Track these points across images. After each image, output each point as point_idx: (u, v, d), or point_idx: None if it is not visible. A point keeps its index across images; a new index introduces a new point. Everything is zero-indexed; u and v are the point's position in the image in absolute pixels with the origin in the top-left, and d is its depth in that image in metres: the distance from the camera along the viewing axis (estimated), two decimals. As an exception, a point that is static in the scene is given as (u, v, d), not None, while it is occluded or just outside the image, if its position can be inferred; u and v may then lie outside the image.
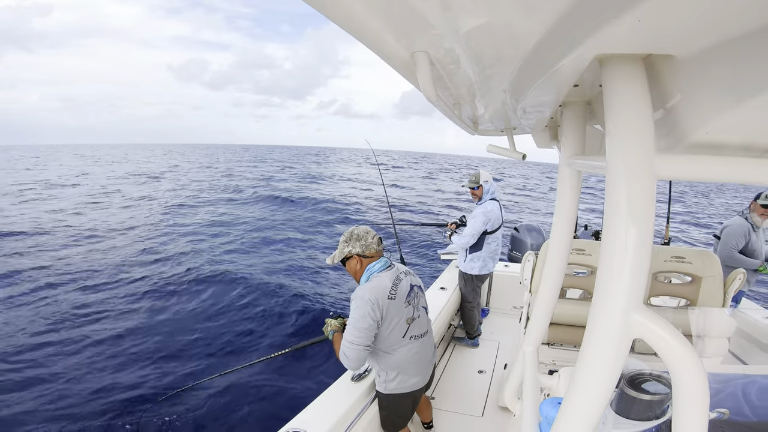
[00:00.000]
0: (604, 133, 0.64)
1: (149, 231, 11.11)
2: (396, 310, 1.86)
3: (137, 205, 15.44)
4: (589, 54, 0.56)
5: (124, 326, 5.40)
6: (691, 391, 0.57)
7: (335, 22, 0.53)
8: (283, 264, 8.28)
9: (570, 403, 0.72)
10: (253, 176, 29.18)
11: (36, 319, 5.64)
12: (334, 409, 1.95)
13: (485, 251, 3.56)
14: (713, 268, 2.24)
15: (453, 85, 0.97)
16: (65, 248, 9.22)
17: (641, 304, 0.61)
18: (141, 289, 6.71)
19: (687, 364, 0.56)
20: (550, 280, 1.35)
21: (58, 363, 4.60)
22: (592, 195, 21.85)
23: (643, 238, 0.59)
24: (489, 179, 3.57)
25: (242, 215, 13.68)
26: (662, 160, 0.58)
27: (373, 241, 1.95)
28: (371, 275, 1.91)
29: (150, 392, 3.95)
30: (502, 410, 2.72)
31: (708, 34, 0.44)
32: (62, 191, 19.51)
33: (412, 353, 1.96)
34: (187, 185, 22.90)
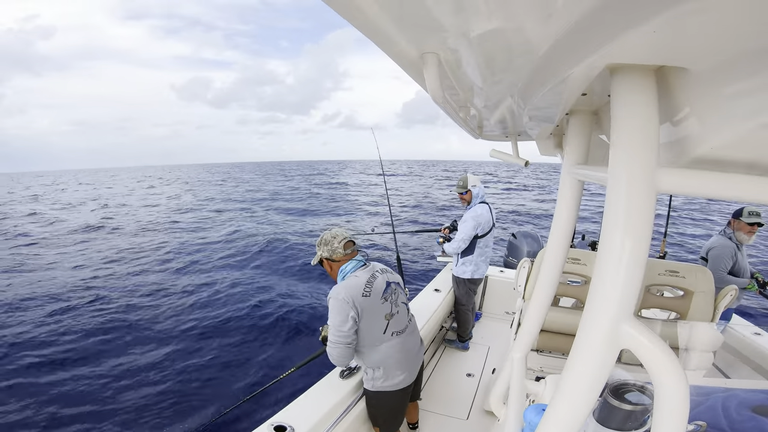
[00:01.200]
0: (608, 144, 0.64)
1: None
2: (372, 307, 1.91)
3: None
4: (601, 63, 0.55)
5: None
6: (671, 402, 0.57)
7: (346, 18, 0.53)
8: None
9: (553, 409, 0.73)
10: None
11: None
12: (320, 405, 1.96)
13: (477, 255, 3.56)
14: (706, 283, 2.25)
15: (460, 87, 0.97)
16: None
17: (632, 315, 0.62)
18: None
19: (670, 376, 0.57)
20: (544, 288, 1.35)
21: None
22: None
23: (638, 251, 0.59)
24: (477, 183, 3.56)
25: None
26: (664, 173, 0.58)
27: (339, 245, 2.03)
28: (345, 276, 2.00)
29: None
30: (488, 414, 2.73)
31: (724, 49, 0.43)
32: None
33: (395, 349, 1.99)
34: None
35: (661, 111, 0.59)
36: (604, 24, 0.44)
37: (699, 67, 0.51)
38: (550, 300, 1.38)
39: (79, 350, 5.27)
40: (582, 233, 4.95)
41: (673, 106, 0.62)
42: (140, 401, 4.22)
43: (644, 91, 0.58)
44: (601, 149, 1.35)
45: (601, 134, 1.21)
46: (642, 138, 0.59)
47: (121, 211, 21.13)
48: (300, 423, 1.81)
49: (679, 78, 0.57)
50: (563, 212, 1.25)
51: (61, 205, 25.30)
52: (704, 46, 0.45)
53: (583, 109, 1.04)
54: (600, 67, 0.57)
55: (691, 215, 17.65)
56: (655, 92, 0.58)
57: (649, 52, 0.50)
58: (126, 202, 26.58)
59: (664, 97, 0.59)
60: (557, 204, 1.27)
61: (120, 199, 28.46)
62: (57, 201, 28.39)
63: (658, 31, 0.40)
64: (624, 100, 0.60)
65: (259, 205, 21.40)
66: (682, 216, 17.05)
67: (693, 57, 0.49)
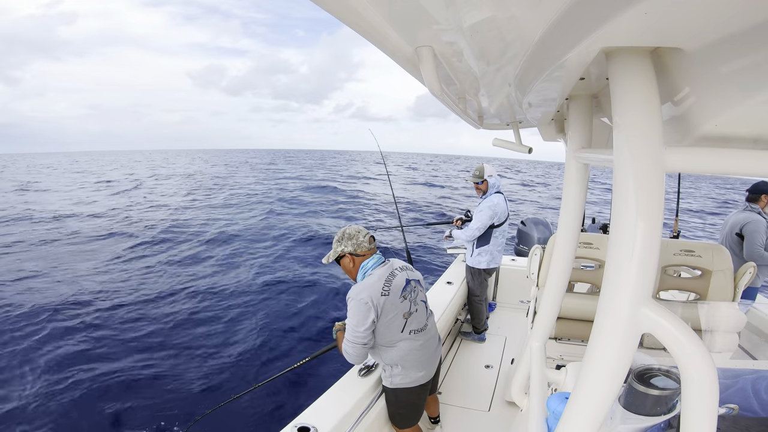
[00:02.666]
0: (611, 126, 0.63)
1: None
2: (391, 306, 1.89)
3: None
4: (596, 47, 0.55)
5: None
6: (700, 386, 0.56)
7: (338, 18, 0.53)
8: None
9: (577, 398, 0.72)
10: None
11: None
12: (341, 405, 1.96)
13: (493, 245, 3.55)
14: (723, 261, 2.21)
15: (457, 79, 0.97)
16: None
17: (650, 298, 0.61)
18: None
19: (696, 360, 0.56)
20: (558, 274, 1.34)
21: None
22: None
23: (651, 232, 0.58)
24: (493, 173, 3.55)
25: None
26: (670, 152, 0.58)
27: (364, 239, 2.00)
28: (366, 273, 1.96)
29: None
30: (509, 405, 2.72)
31: (716, 27, 0.43)
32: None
33: (414, 347, 1.98)
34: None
35: (661, 91, 0.58)
36: (594, 8, 0.44)
37: (693, 46, 0.51)
38: (564, 286, 1.36)
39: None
40: (592, 217, 4.90)
41: (672, 87, 0.61)
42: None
43: (642, 73, 0.57)
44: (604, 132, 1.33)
45: (602, 117, 1.20)
46: (645, 119, 0.58)
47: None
48: (322, 423, 1.81)
49: (675, 58, 0.56)
50: (571, 197, 1.23)
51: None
52: (696, 26, 0.45)
53: (583, 93, 1.03)
54: (595, 51, 0.57)
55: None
56: (652, 73, 0.58)
57: (642, 34, 0.50)
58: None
59: (662, 78, 0.59)
60: (564, 189, 1.26)
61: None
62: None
63: (649, 12, 0.40)
64: (622, 83, 0.59)
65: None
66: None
67: (686, 37, 0.49)
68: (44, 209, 15.89)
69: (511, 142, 1.81)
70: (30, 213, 15.02)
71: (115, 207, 16.51)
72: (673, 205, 4.03)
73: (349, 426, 1.91)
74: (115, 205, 16.98)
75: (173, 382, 4.40)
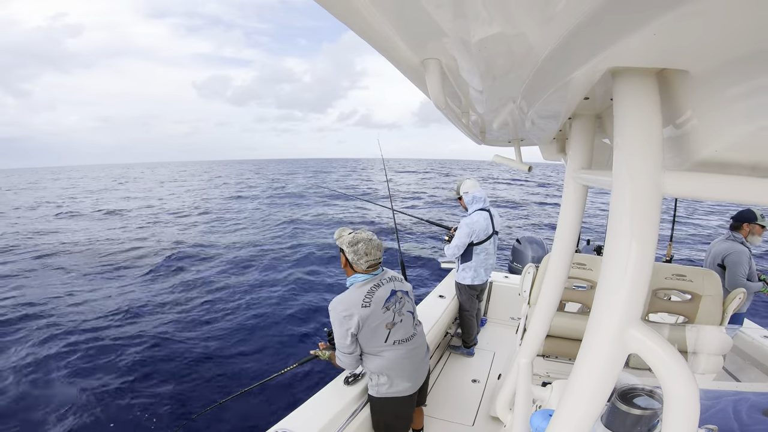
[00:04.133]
0: (611, 148, 0.64)
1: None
2: (372, 317, 1.91)
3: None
4: (602, 66, 0.55)
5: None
6: (681, 407, 0.57)
7: (345, 23, 0.53)
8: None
9: (560, 415, 0.72)
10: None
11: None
12: (324, 411, 1.95)
13: (475, 261, 3.53)
14: (713, 287, 2.23)
15: (462, 93, 0.97)
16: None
17: (639, 319, 0.61)
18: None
19: (679, 379, 0.56)
20: (549, 293, 1.34)
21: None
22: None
23: (644, 254, 0.59)
24: (472, 188, 3.52)
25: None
26: (669, 176, 0.58)
27: (363, 263, 2.00)
28: (353, 283, 2.01)
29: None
30: (494, 420, 2.71)
31: (725, 50, 0.43)
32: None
33: (399, 357, 1.99)
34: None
35: (663, 114, 0.59)
36: (604, 27, 0.44)
37: (700, 69, 0.51)
38: (555, 305, 1.37)
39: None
40: (587, 238, 4.92)
41: (675, 109, 0.61)
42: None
43: (646, 94, 0.58)
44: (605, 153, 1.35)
45: (604, 138, 1.21)
46: (645, 141, 0.58)
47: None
48: (304, 429, 1.80)
49: (680, 80, 0.56)
50: (568, 217, 1.24)
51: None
52: (704, 49, 0.45)
53: (586, 113, 1.04)
54: (602, 70, 0.57)
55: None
56: (657, 95, 0.58)
57: (650, 55, 0.50)
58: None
59: (666, 100, 0.59)
60: (561, 209, 1.26)
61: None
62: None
63: (659, 33, 0.40)
64: (626, 104, 0.60)
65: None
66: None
67: (693, 59, 0.49)
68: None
69: (512, 159, 1.82)
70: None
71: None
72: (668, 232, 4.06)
73: None
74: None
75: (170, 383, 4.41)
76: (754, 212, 3.34)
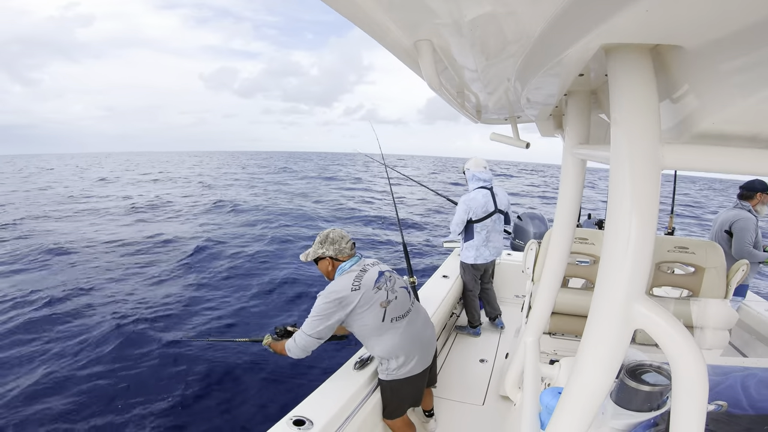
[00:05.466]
0: (608, 123, 0.63)
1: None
2: (365, 299, 1.94)
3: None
4: (595, 44, 0.55)
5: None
6: (690, 383, 0.57)
7: (337, 11, 0.52)
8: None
9: (570, 392, 0.73)
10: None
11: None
12: (336, 397, 1.97)
13: (476, 240, 3.54)
14: (716, 259, 2.23)
15: (456, 73, 0.96)
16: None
17: (643, 294, 0.61)
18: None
19: (687, 356, 0.56)
20: (553, 270, 1.35)
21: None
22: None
23: (646, 228, 0.59)
24: (474, 166, 3.54)
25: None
26: (667, 149, 0.58)
27: (346, 246, 2.07)
28: (342, 273, 2.03)
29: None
30: (503, 399, 2.74)
31: (717, 25, 0.43)
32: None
33: (400, 334, 2.01)
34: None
35: (659, 89, 0.58)
36: (595, 4, 0.43)
37: (693, 44, 0.50)
38: (559, 281, 1.37)
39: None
40: (588, 212, 4.91)
41: (671, 84, 0.61)
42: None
43: (641, 70, 0.57)
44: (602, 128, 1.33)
45: (600, 113, 1.20)
46: (643, 115, 0.58)
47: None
48: (318, 416, 1.82)
49: (674, 56, 0.56)
50: (567, 192, 1.24)
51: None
52: (697, 24, 0.44)
53: (582, 89, 1.02)
54: (595, 47, 0.57)
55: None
56: (652, 70, 0.57)
57: (642, 32, 0.49)
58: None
59: (661, 75, 0.59)
60: (561, 184, 1.26)
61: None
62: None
63: (651, 9, 0.40)
64: (621, 79, 0.59)
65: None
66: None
67: (686, 35, 0.49)
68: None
69: (509, 136, 1.81)
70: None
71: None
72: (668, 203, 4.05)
73: (344, 419, 1.92)
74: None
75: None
76: (764, 182, 3.33)
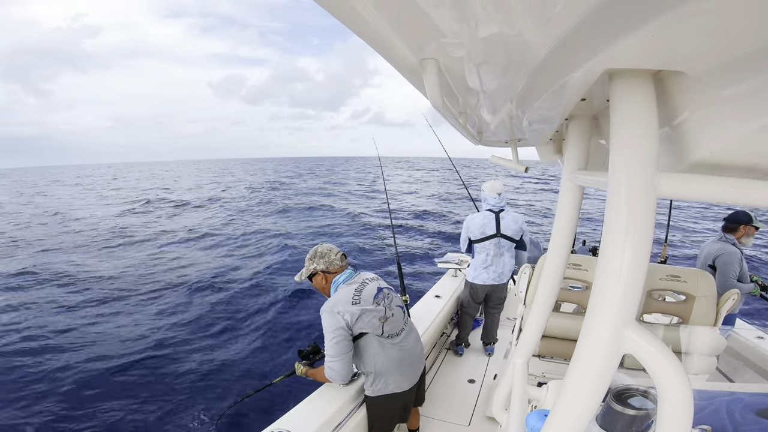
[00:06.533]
0: (608, 149, 0.64)
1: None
2: (364, 313, 1.93)
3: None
4: (599, 68, 0.55)
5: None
6: (675, 407, 0.57)
7: (345, 24, 0.53)
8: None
9: (556, 415, 0.73)
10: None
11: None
12: (321, 411, 1.94)
13: (476, 260, 3.56)
14: (707, 287, 2.24)
15: (460, 93, 0.97)
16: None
17: (633, 320, 0.61)
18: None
19: (674, 380, 0.56)
20: (545, 293, 1.35)
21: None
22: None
23: (639, 255, 0.59)
24: (488, 190, 3.51)
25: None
26: (664, 178, 0.58)
27: (336, 257, 2.09)
28: (337, 287, 2.04)
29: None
30: (490, 420, 2.71)
31: (722, 51, 0.43)
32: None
33: (393, 351, 2.00)
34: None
35: (660, 115, 0.59)
36: (602, 28, 0.44)
37: (697, 70, 0.51)
38: (551, 306, 1.37)
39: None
40: (583, 239, 4.94)
41: (672, 110, 0.62)
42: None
43: (643, 96, 0.58)
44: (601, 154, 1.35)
45: (600, 139, 1.22)
46: (641, 142, 0.59)
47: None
48: (300, 430, 1.79)
49: (677, 82, 0.57)
50: (564, 218, 1.25)
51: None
52: (701, 50, 0.45)
53: (583, 114, 1.04)
54: (599, 72, 0.57)
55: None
56: (653, 96, 0.58)
57: (647, 57, 0.50)
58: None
59: (662, 101, 0.59)
60: (557, 210, 1.27)
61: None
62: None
63: (656, 35, 0.40)
64: (623, 105, 0.60)
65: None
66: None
67: (690, 61, 0.49)
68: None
69: (509, 159, 1.83)
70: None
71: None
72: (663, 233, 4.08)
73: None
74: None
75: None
76: (748, 214, 3.35)
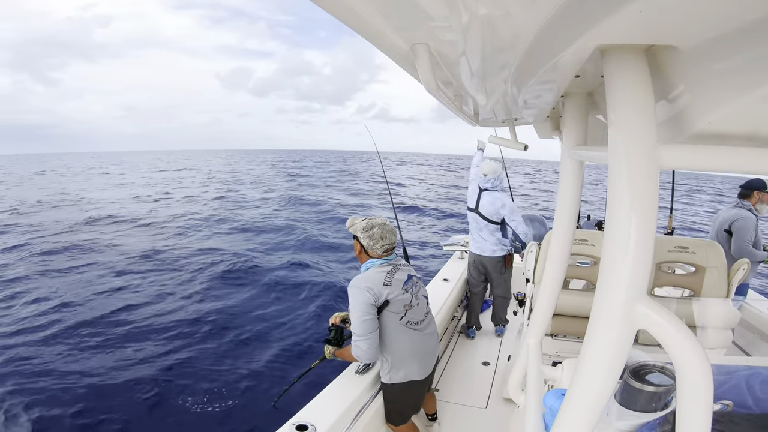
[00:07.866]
0: (606, 124, 0.64)
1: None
2: (392, 296, 1.93)
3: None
4: (590, 45, 0.55)
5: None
6: (695, 382, 0.57)
7: (333, 15, 0.53)
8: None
9: (573, 394, 0.73)
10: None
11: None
12: (339, 402, 1.96)
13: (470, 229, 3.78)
14: (717, 258, 2.22)
15: (453, 76, 0.96)
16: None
17: (645, 294, 0.61)
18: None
19: (691, 356, 0.56)
20: (553, 271, 1.34)
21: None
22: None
23: (646, 228, 0.59)
24: (483, 168, 3.62)
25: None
26: (665, 149, 0.58)
27: (379, 248, 2.02)
28: (372, 265, 2.01)
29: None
30: (507, 402, 2.73)
31: (712, 26, 0.43)
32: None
33: (411, 339, 2.01)
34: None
35: (655, 89, 0.58)
36: (589, 6, 0.44)
37: (688, 44, 0.51)
38: (560, 283, 1.37)
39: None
40: (588, 214, 4.92)
41: (667, 84, 0.61)
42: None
43: (637, 71, 0.58)
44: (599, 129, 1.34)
45: (597, 114, 1.20)
46: (639, 116, 0.58)
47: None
48: (320, 421, 1.81)
49: (670, 56, 0.56)
50: (566, 194, 1.24)
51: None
52: (691, 24, 0.45)
53: (578, 90, 1.03)
54: (590, 49, 0.57)
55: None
56: (647, 71, 0.58)
57: (637, 32, 0.49)
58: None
59: (657, 76, 0.59)
60: (560, 186, 1.26)
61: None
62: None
63: (644, 10, 0.40)
64: (617, 80, 0.59)
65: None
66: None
67: (681, 35, 0.49)
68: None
69: (507, 139, 1.81)
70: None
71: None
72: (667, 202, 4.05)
73: (347, 423, 1.91)
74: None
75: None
76: (762, 180, 3.33)
